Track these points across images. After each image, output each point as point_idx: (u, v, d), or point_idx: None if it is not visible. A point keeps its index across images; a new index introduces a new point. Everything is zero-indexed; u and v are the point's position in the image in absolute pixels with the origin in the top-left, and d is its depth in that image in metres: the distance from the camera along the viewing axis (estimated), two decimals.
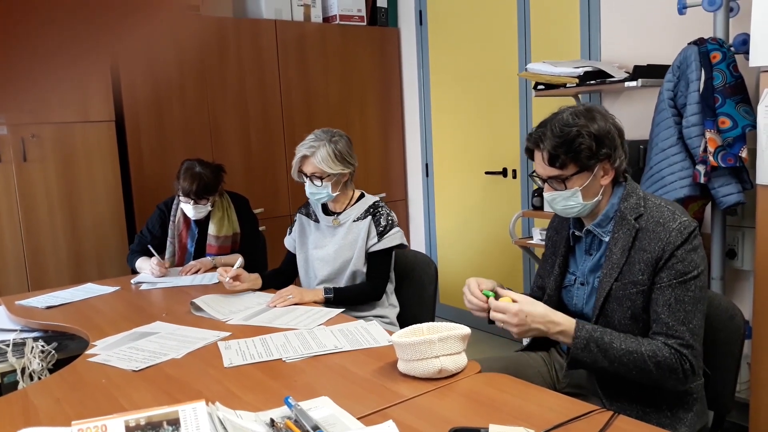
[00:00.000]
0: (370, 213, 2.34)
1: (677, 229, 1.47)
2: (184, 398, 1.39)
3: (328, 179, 2.26)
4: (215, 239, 2.86)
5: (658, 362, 1.44)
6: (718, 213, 2.49)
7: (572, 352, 1.48)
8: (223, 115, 3.66)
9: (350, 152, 2.31)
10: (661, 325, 1.47)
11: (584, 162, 1.52)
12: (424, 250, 4.40)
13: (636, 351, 1.45)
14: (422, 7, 4.19)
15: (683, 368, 1.44)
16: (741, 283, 2.70)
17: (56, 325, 2.12)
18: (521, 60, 3.58)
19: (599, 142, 1.51)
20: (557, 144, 1.51)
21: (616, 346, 1.46)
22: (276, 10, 3.83)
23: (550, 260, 1.78)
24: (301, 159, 2.27)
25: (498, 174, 3.85)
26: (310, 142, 2.26)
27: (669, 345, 1.45)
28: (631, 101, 3.05)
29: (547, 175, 1.57)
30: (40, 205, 3.09)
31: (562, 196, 1.57)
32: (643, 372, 1.45)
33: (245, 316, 2.04)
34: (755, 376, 2.18)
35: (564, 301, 1.72)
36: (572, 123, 1.51)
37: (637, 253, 1.51)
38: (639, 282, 1.51)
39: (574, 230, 1.68)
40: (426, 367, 1.42)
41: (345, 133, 2.34)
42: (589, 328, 1.49)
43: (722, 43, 2.32)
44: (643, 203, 1.55)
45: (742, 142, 2.25)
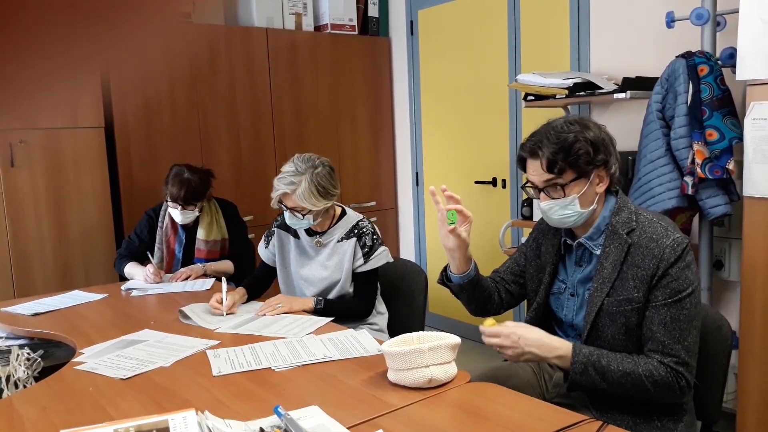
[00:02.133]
0: (355, 234, 2.27)
1: (671, 246, 1.48)
2: (172, 407, 1.37)
3: (310, 213, 2.18)
4: (204, 243, 2.85)
5: (655, 381, 1.46)
6: (705, 224, 2.52)
7: (571, 376, 1.50)
8: (214, 123, 3.65)
9: (332, 183, 2.18)
10: (656, 343, 1.48)
11: (582, 168, 1.53)
12: (414, 259, 4.40)
13: (633, 372, 1.47)
14: (413, 17, 4.21)
15: (679, 385, 1.46)
16: (728, 294, 2.72)
17: (42, 333, 2.10)
18: (511, 71, 3.60)
19: (596, 148, 1.52)
20: (556, 150, 1.52)
21: (613, 369, 1.47)
22: (267, 18, 3.83)
23: (535, 263, 1.77)
24: (282, 195, 2.15)
25: (488, 183, 3.86)
26: (289, 176, 2.12)
27: (665, 363, 1.46)
28: (620, 113, 3.08)
29: (544, 184, 1.57)
30: (27, 211, 3.07)
31: (559, 205, 1.57)
32: (640, 391, 1.47)
33: (234, 324, 2.03)
34: (742, 386, 2.20)
35: (552, 307, 1.72)
36: (568, 130, 1.53)
37: (630, 269, 1.52)
38: (634, 299, 1.51)
39: (566, 239, 1.68)
40: (416, 376, 1.42)
41: (328, 161, 2.21)
42: (586, 352, 1.50)
43: (710, 57, 2.35)
44: (635, 218, 1.56)
45: (729, 155, 2.28)
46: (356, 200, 4.25)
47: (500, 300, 1.83)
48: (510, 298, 1.85)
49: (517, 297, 1.86)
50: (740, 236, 2.23)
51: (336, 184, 2.21)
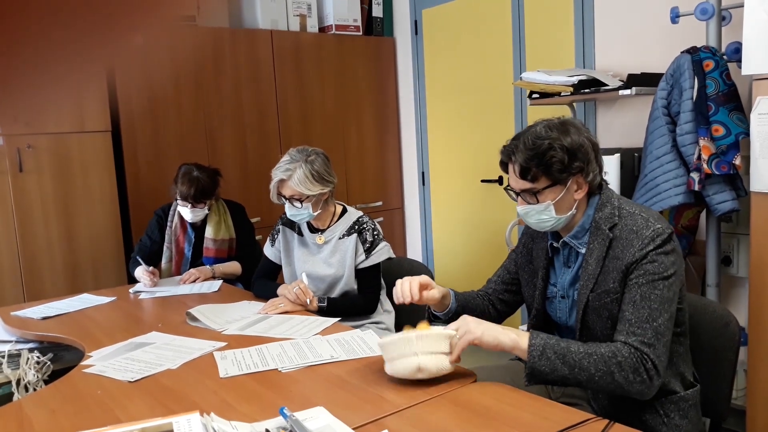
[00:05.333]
0: (355, 230, 2.31)
1: (650, 236, 1.46)
2: (179, 409, 1.38)
3: (308, 200, 2.23)
4: (213, 242, 2.88)
5: (619, 362, 1.40)
6: (712, 220, 2.50)
7: (529, 361, 1.42)
8: (220, 125, 3.66)
9: (328, 170, 2.25)
10: (624, 323, 1.45)
11: (556, 175, 1.51)
12: (420, 258, 4.40)
13: (595, 352, 1.41)
14: (417, 17, 4.21)
15: (645, 367, 1.40)
16: (736, 290, 2.71)
17: (52, 336, 2.12)
18: (516, 69, 3.60)
19: (572, 155, 1.50)
20: (529, 157, 1.51)
21: (573, 350, 1.42)
22: (272, 20, 3.84)
23: (528, 268, 1.76)
24: (279, 183, 2.23)
25: (494, 182, 3.85)
26: (285, 164, 2.21)
27: (629, 344, 1.41)
28: (626, 109, 3.07)
29: (519, 189, 1.57)
30: (36, 216, 3.09)
31: (535, 210, 1.56)
32: (605, 375, 1.40)
33: (241, 326, 2.03)
34: (751, 382, 2.19)
35: (548, 312, 1.71)
36: (545, 136, 1.51)
37: (611, 261, 1.50)
38: (612, 290, 1.50)
39: (552, 242, 1.67)
40: (405, 365, 1.42)
41: (322, 151, 2.29)
42: (544, 336, 1.45)
43: (715, 52, 2.34)
44: (618, 212, 1.54)
45: (736, 150, 2.27)
46: (363, 200, 4.25)
47: (496, 311, 1.84)
48: (505, 307, 1.85)
49: (512, 305, 1.86)
50: (748, 232, 2.22)
51: (331, 171, 2.28)
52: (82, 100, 3.04)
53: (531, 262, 1.75)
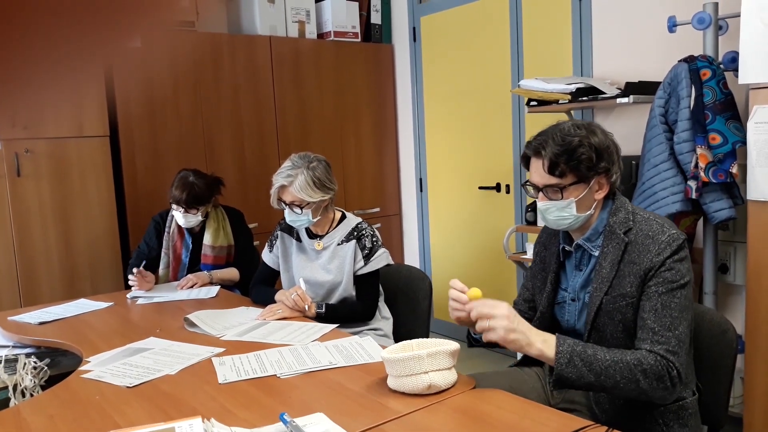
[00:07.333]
0: (354, 236, 2.30)
1: (666, 242, 1.48)
2: (178, 415, 1.38)
3: (308, 207, 2.22)
4: (211, 249, 2.87)
5: (644, 370, 1.41)
6: (710, 228, 2.51)
7: (556, 368, 1.43)
8: (218, 131, 3.67)
9: (329, 177, 2.25)
10: (647, 331, 1.46)
11: (583, 173, 1.53)
12: (418, 264, 4.40)
13: (621, 360, 1.42)
14: (416, 24, 4.23)
15: (670, 375, 1.42)
16: (733, 298, 2.72)
17: (49, 341, 2.11)
18: (514, 76, 3.61)
19: (599, 154, 1.52)
20: (559, 152, 1.52)
21: (600, 357, 1.43)
22: (271, 26, 3.85)
23: (540, 276, 1.77)
24: (280, 188, 2.23)
25: (491, 189, 3.86)
26: (287, 170, 2.21)
27: (654, 352, 1.43)
28: (623, 117, 3.08)
29: (544, 184, 1.57)
30: (33, 220, 3.08)
31: (556, 207, 1.57)
32: (630, 382, 1.41)
33: (239, 331, 2.03)
34: (748, 390, 2.19)
35: (557, 317, 1.72)
36: (574, 133, 1.53)
37: (627, 266, 1.52)
38: (628, 294, 1.51)
39: (564, 245, 1.69)
40: (415, 382, 1.42)
41: (323, 158, 2.29)
42: (570, 342, 1.45)
43: (712, 61, 2.36)
44: (632, 217, 1.56)
45: (733, 158, 2.28)
46: (360, 206, 4.25)
47: None
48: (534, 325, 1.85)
49: None
50: (745, 240, 2.23)
51: (333, 179, 2.28)
52: (80, 104, 3.04)
53: (543, 269, 1.76)
